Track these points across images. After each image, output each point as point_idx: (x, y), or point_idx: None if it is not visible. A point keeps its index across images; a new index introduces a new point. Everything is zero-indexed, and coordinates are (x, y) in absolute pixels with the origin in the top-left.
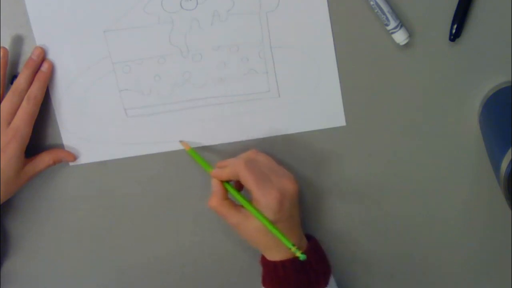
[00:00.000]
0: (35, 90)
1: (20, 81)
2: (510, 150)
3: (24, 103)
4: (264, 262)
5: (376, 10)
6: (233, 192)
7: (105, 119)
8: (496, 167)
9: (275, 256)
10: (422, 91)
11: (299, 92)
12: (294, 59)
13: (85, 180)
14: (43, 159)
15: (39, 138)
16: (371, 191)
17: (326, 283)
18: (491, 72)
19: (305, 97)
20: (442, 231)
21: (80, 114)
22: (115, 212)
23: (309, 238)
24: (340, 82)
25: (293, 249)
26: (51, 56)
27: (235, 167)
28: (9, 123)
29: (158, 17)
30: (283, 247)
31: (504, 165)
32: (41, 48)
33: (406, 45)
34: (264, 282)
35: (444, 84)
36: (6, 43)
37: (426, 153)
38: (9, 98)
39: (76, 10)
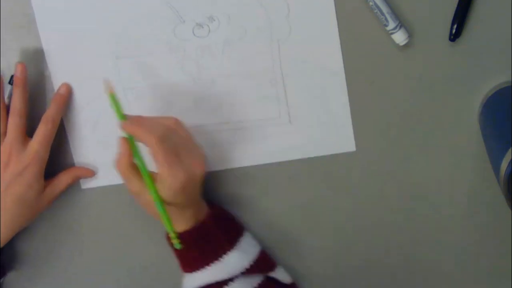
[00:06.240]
0: (53, 113)
1: (15, 101)
2: (510, 150)
3: (42, 126)
4: (167, 237)
5: (375, 11)
6: (138, 159)
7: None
8: (496, 167)
9: (177, 226)
10: (422, 91)
11: (310, 118)
12: (305, 86)
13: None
14: (62, 180)
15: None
16: (373, 196)
17: (231, 246)
18: (491, 72)
19: (316, 123)
20: (442, 231)
21: (93, 139)
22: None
23: (213, 205)
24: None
25: (173, 235)
26: (64, 81)
27: (147, 139)
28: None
29: (170, 44)
30: (183, 218)
31: (504, 165)
32: (22, 63)
33: (406, 45)
34: (175, 251)
35: (444, 84)
36: (7, 44)
37: (425, 153)
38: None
39: (89, 37)
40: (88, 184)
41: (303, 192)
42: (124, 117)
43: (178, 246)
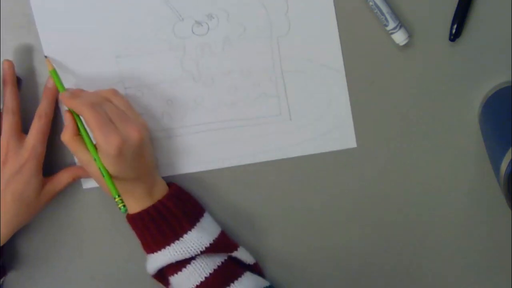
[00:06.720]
0: (45, 107)
1: (7, 99)
2: (510, 150)
3: (35, 121)
4: (127, 217)
5: (375, 11)
6: (81, 129)
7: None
8: (496, 167)
9: (132, 205)
10: (422, 91)
11: (310, 114)
12: (305, 82)
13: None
14: (62, 178)
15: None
16: (375, 198)
17: (192, 226)
18: (491, 72)
19: (316, 119)
20: (442, 231)
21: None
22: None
23: (173, 186)
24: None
25: (117, 199)
26: (65, 81)
27: (78, 108)
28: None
29: (170, 42)
30: (137, 195)
31: (504, 165)
32: (9, 61)
33: (406, 45)
34: (136, 233)
35: (444, 84)
36: (7, 44)
37: (425, 153)
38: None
39: (89, 37)
40: (89, 184)
41: (304, 189)
42: (65, 90)
43: (123, 210)
